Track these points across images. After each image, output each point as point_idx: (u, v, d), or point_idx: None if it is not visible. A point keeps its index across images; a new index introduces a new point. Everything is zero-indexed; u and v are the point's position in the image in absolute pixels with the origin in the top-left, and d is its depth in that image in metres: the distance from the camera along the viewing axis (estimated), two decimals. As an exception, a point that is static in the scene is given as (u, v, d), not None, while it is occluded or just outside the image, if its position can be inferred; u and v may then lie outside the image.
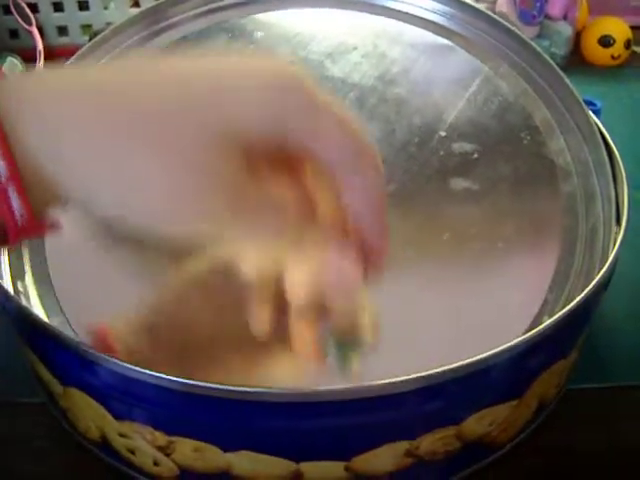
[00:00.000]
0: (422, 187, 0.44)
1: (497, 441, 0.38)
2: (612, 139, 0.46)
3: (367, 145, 0.28)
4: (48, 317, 0.40)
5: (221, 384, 0.31)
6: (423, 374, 0.31)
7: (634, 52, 0.80)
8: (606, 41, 0.78)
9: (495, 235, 0.43)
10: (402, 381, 0.31)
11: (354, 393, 0.31)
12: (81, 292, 0.41)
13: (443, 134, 0.45)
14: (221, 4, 0.51)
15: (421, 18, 0.51)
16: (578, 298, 0.35)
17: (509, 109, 0.47)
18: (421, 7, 0.51)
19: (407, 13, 0.51)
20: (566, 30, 0.77)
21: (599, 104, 0.67)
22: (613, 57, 0.79)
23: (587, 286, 0.36)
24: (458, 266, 0.42)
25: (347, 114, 0.28)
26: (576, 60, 0.79)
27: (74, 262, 0.42)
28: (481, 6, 0.78)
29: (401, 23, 0.51)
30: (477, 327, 0.40)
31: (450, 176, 0.44)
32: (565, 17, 0.77)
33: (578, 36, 0.80)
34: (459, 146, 0.45)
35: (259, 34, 0.49)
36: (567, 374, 0.41)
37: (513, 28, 0.50)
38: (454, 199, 0.43)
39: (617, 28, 0.78)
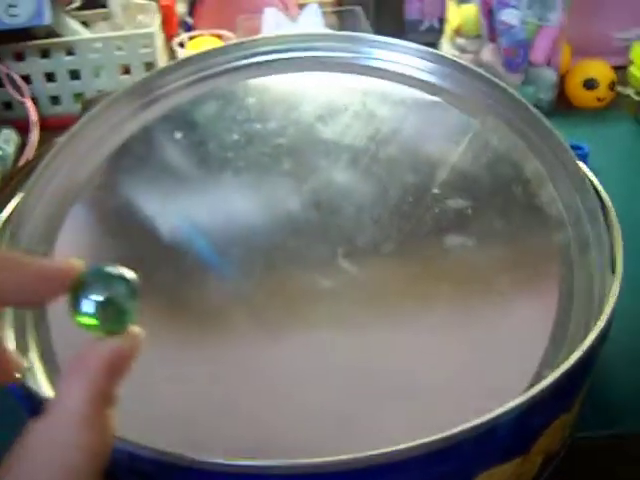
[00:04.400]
0: (418, 246, 0.44)
1: (506, 498, 0.38)
2: (600, 182, 0.46)
3: None
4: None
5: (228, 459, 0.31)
6: (429, 439, 0.31)
7: (619, 93, 0.81)
8: (590, 84, 0.80)
9: (492, 289, 0.43)
10: (407, 448, 0.31)
11: (359, 462, 0.31)
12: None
13: (436, 191, 0.46)
14: (211, 72, 0.52)
15: (406, 76, 0.52)
16: (576, 353, 0.35)
17: (500, 162, 0.47)
18: (406, 65, 0.52)
19: (392, 71, 0.52)
20: (551, 76, 0.78)
21: (586, 148, 0.68)
22: (598, 99, 0.80)
23: (587, 335, 0.37)
24: (456, 321, 0.42)
25: None
26: (562, 103, 0.81)
27: (79, 335, 0.42)
28: (466, 57, 0.80)
29: (387, 82, 0.52)
30: (477, 381, 0.40)
31: (445, 233, 0.45)
32: (548, 63, 0.78)
33: (562, 79, 0.82)
34: (452, 202, 0.46)
35: (250, 100, 0.50)
36: (571, 426, 0.41)
37: (500, 83, 0.51)
38: (449, 256, 0.44)
39: (600, 71, 0.80)
